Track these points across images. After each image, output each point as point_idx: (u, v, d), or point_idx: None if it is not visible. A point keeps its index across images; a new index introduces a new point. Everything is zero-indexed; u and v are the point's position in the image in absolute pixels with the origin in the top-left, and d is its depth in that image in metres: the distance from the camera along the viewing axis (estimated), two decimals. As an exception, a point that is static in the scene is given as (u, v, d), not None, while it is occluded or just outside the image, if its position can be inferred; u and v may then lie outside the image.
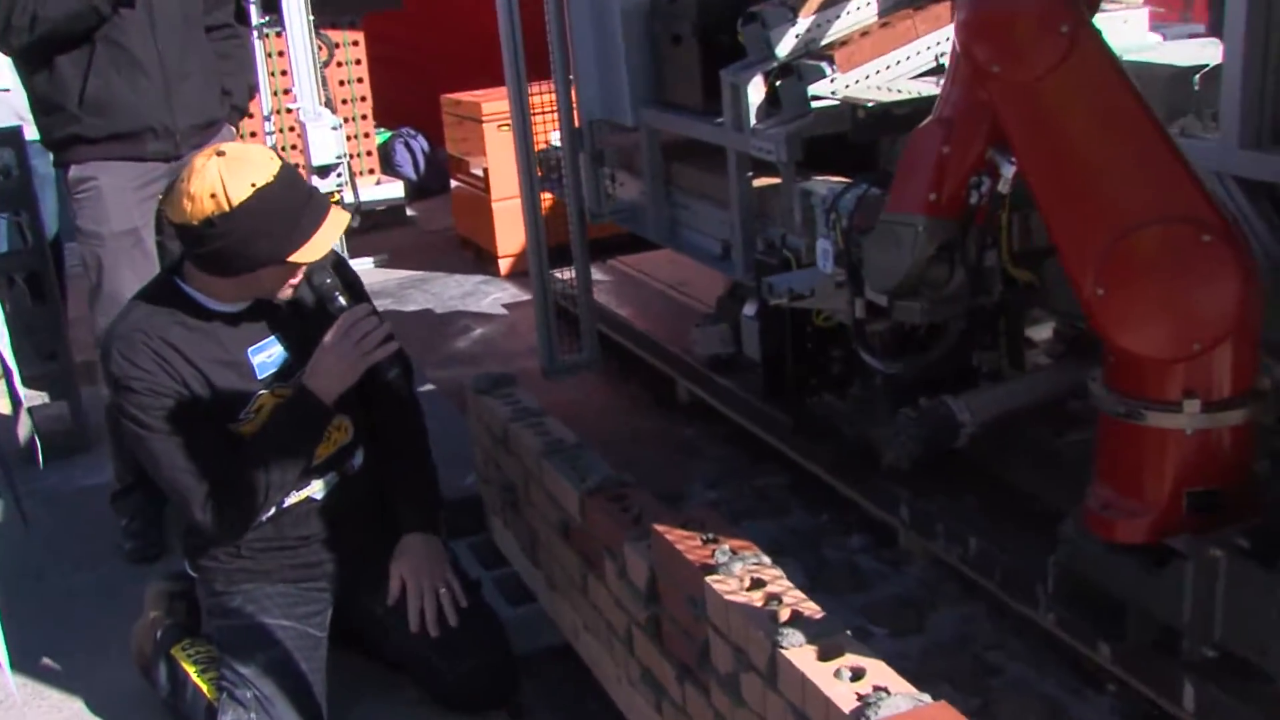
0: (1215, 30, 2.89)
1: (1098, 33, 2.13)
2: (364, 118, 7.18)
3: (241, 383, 2.59)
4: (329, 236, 2.52)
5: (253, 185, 2.42)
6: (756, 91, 3.15)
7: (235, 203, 2.40)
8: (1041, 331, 3.31)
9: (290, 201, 2.48)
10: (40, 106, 3.47)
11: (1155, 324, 2.09)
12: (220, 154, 2.45)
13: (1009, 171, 2.26)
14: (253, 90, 4.24)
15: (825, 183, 2.96)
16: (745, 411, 3.70)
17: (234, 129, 3.75)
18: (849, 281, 2.71)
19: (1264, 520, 2.10)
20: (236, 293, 2.59)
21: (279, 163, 2.49)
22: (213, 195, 2.40)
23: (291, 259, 2.49)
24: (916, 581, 3.03)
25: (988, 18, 2.16)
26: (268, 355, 2.64)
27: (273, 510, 2.64)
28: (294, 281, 2.59)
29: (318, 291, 2.66)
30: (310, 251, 2.49)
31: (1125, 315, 2.10)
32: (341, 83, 6.99)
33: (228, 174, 2.41)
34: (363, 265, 6.41)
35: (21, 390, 3.04)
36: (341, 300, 2.64)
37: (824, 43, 3.15)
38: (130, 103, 3.38)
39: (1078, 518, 2.32)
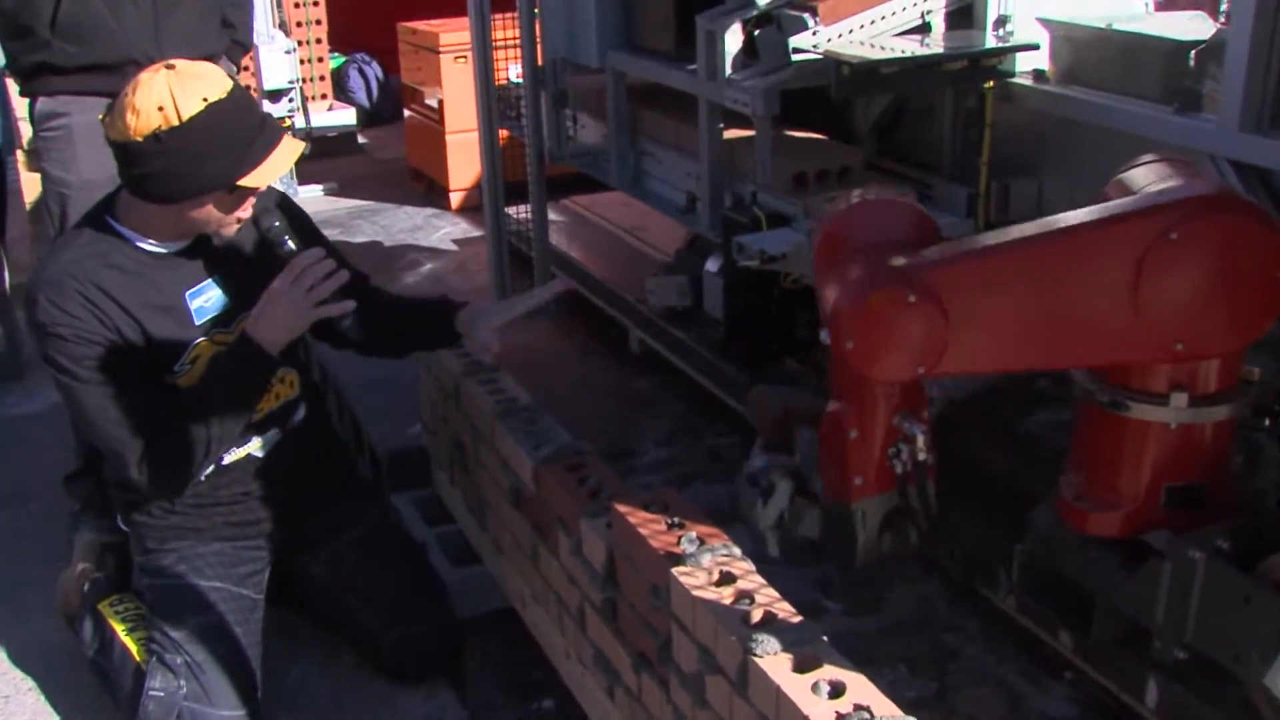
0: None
1: (930, 261, 2.00)
2: (319, 41, 6.99)
3: (178, 329, 2.40)
4: (281, 164, 2.32)
5: (204, 100, 2.21)
6: (734, 39, 3.01)
7: (185, 117, 2.20)
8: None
9: (243, 122, 2.28)
10: (5, 28, 3.01)
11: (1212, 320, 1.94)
12: (170, 67, 2.24)
13: (920, 438, 2.13)
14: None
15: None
16: (702, 367, 3.60)
17: (234, 66, 3.31)
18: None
19: (1241, 520, 2.02)
20: (176, 228, 2.38)
21: (232, 82, 2.29)
22: (160, 108, 2.19)
23: (242, 183, 2.28)
24: (873, 557, 2.97)
25: (874, 349, 2.00)
26: (205, 299, 2.43)
27: (211, 468, 2.48)
28: (241, 215, 2.38)
29: (265, 235, 2.45)
30: (261, 176, 2.29)
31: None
32: (297, 5, 6.78)
33: (178, 87, 2.20)
34: (311, 193, 6.22)
35: None
36: (291, 244, 2.43)
37: (806, -8, 3.01)
38: (110, 29, 2.95)
39: (1050, 506, 2.24)
